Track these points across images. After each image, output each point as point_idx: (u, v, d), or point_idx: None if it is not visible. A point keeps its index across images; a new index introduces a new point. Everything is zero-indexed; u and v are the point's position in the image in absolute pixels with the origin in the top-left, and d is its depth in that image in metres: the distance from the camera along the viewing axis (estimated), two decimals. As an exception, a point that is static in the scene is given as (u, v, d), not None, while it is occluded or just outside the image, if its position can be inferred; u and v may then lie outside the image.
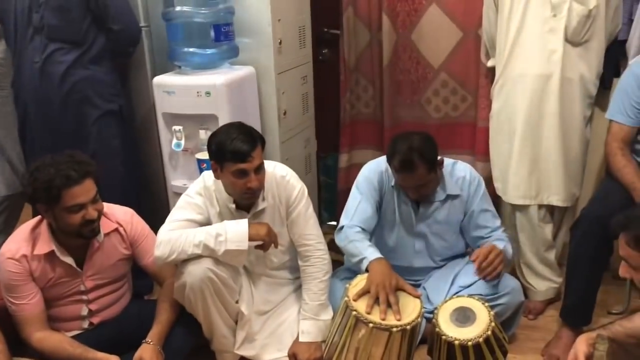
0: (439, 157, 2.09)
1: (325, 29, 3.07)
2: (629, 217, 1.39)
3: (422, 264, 2.27)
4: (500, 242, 2.16)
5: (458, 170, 2.22)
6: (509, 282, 2.13)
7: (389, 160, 2.10)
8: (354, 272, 2.06)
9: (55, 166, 1.81)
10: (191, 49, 2.40)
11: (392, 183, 2.19)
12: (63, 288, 1.96)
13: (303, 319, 2.07)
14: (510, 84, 2.38)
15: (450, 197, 2.19)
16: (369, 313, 1.86)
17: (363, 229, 2.15)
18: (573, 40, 2.26)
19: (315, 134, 3.06)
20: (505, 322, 2.09)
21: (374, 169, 2.23)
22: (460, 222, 2.25)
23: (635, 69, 2.14)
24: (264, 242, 1.96)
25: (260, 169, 1.93)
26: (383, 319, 1.84)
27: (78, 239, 1.91)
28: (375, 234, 2.25)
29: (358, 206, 2.18)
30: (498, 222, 2.26)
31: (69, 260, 1.94)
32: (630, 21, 2.34)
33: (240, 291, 2.06)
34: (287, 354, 2.06)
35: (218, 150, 1.89)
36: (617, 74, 2.43)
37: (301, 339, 2.05)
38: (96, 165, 1.90)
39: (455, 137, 2.87)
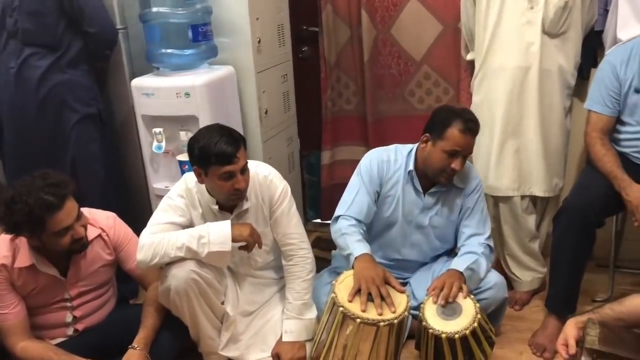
0: None
1: (305, 27, 3.06)
2: None
3: (414, 257, 2.27)
4: (472, 255, 2.09)
5: (465, 168, 2.17)
6: (492, 277, 2.13)
7: (449, 121, 2.01)
8: (338, 274, 2.05)
9: (32, 195, 1.74)
10: (169, 50, 2.38)
11: (410, 167, 2.13)
12: (46, 296, 1.94)
13: (286, 319, 2.06)
14: (490, 76, 2.39)
15: (454, 187, 2.17)
16: (364, 311, 1.85)
17: (358, 221, 2.12)
18: (550, 32, 2.27)
19: (298, 132, 3.05)
20: (490, 316, 2.09)
21: (376, 158, 2.18)
22: (457, 219, 2.23)
23: (611, 58, 2.16)
24: (248, 242, 1.94)
25: (245, 169, 1.91)
26: (380, 314, 1.83)
27: (67, 253, 1.90)
28: (375, 224, 2.22)
29: (356, 196, 2.14)
30: (483, 230, 2.18)
31: (52, 271, 1.91)
32: (606, 12, 2.36)
33: (225, 292, 2.05)
34: (270, 354, 2.05)
35: (202, 155, 1.86)
36: (595, 64, 2.46)
37: (284, 339, 2.04)
38: (72, 181, 1.86)
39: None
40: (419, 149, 2.14)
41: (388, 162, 2.18)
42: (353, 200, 2.14)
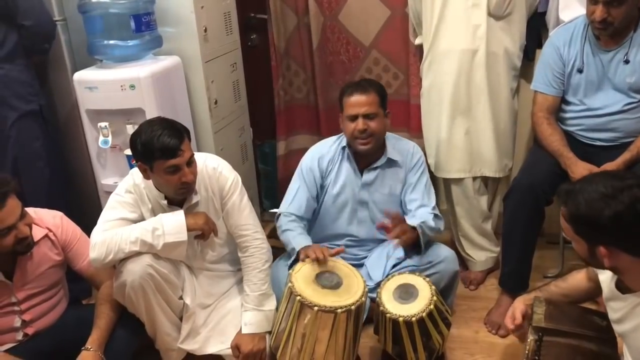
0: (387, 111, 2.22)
1: (252, 14, 3.02)
2: (568, 193, 1.43)
3: (364, 235, 2.31)
4: (418, 219, 2.16)
5: (405, 144, 2.30)
6: (442, 251, 2.18)
7: (342, 93, 2.20)
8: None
9: None
10: (111, 42, 2.31)
11: (344, 144, 2.25)
12: (-8, 301, 1.87)
13: (245, 311, 2.04)
14: (438, 60, 2.41)
15: (390, 162, 2.24)
16: (316, 259, 1.94)
17: (298, 217, 2.24)
18: (496, 14, 2.30)
19: (250, 122, 3.01)
20: (443, 291, 2.13)
21: (317, 154, 2.30)
22: (400, 195, 2.28)
23: (555, 40, 2.21)
24: (203, 230, 1.93)
25: (191, 162, 1.89)
26: (337, 301, 1.84)
27: (12, 255, 1.82)
28: (324, 206, 2.31)
29: (296, 193, 2.27)
30: (430, 200, 2.26)
31: None
32: (548, -7, 2.41)
33: (183, 285, 2.02)
34: (230, 346, 2.03)
35: (145, 150, 1.82)
36: (540, 46, 2.50)
37: (244, 331, 2.02)
38: (13, 179, 1.80)
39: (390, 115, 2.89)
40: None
41: (328, 155, 2.28)
42: (293, 198, 2.27)
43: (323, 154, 2.29)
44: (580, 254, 1.48)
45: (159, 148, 1.79)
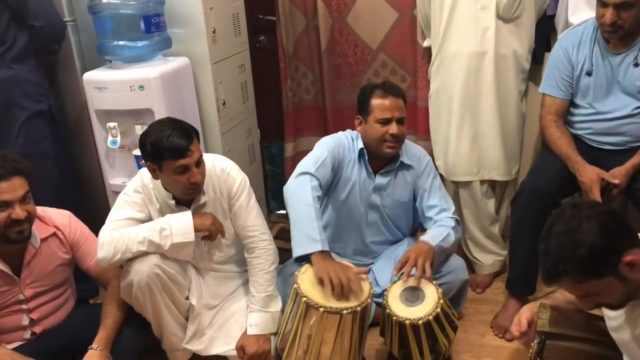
0: None
1: (261, 16, 3.03)
2: (551, 270, 1.34)
3: (374, 237, 2.30)
4: (443, 228, 2.11)
5: (412, 148, 2.27)
6: (452, 261, 2.16)
7: (369, 95, 2.12)
8: (302, 265, 2.03)
9: None
10: (121, 42, 2.32)
11: (361, 145, 2.18)
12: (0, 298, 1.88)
13: (251, 312, 2.04)
14: (447, 62, 2.41)
15: (403, 166, 2.21)
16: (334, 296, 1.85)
17: (320, 186, 2.08)
18: (504, 16, 2.30)
19: (258, 123, 3.02)
20: (452, 299, 2.11)
21: (337, 139, 2.21)
22: (411, 201, 2.26)
23: (563, 42, 2.20)
24: (210, 231, 1.94)
25: (200, 162, 1.90)
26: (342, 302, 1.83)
27: (5, 243, 1.82)
28: (332, 204, 2.25)
29: (325, 160, 2.11)
30: (448, 204, 2.22)
31: (4, 267, 1.85)
32: (557, -4, 2.40)
33: (189, 285, 2.03)
34: (235, 347, 2.02)
35: (154, 150, 1.83)
36: (548, 49, 2.49)
37: (249, 332, 2.02)
38: (32, 168, 1.82)
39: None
40: (359, 132, 2.20)
41: (347, 147, 2.21)
42: (323, 161, 2.10)
43: (344, 145, 2.20)
44: (614, 299, 1.37)
45: (168, 148, 1.81)
